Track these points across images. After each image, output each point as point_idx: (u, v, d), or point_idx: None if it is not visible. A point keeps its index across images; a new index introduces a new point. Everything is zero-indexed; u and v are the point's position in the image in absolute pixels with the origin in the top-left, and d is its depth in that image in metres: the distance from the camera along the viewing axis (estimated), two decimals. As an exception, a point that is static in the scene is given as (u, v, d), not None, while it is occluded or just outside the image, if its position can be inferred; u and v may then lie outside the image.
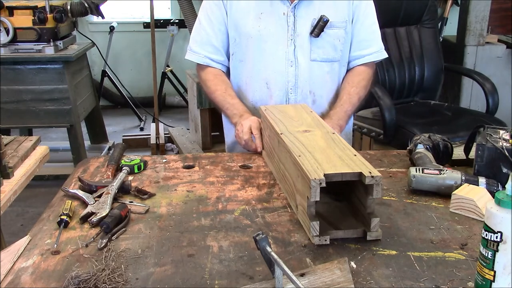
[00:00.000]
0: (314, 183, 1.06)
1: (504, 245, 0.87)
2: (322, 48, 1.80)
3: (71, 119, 3.38)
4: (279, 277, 0.92)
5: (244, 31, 1.80)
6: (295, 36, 1.78)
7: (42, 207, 1.36)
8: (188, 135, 4.27)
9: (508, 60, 4.16)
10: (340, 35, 1.81)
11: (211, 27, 1.83)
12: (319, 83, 1.84)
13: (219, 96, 1.82)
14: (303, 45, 1.79)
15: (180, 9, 4.41)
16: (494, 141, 1.36)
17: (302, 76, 1.81)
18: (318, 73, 1.83)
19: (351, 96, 1.84)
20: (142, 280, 0.99)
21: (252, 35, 1.79)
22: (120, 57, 5.64)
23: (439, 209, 1.30)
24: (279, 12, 1.77)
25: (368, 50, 1.90)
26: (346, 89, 1.86)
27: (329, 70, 1.84)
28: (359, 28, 1.86)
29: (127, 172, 1.46)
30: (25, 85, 3.29)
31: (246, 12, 1.79)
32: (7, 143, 1.81)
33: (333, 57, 1.83)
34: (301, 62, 1.80)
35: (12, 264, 1.05)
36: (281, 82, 1.81)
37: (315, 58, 1.81)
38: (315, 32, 1.76)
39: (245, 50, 1.82)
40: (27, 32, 3.27)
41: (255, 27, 1.78)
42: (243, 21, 1.79)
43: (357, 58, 1.90)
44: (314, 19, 1.77)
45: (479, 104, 3.77)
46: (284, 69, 1.80)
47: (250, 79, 1.84)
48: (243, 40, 1.81)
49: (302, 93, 1.82)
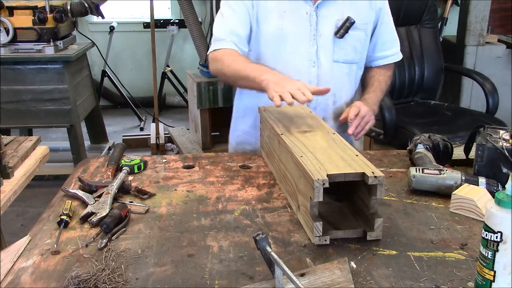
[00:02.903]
0: (317, 183, 1.06)
1: (504, 245, 0.87)
2: (344, 49, 1.78)
3: (71, 119, 3.38)
4: (279, 277, 0.92)
5: (265, 28, 1.76)
6: (317, 36, 1.76)
7: (42, 207, 1.36)
8: (188, 135, 4.27)
9: (508, 60, 4.16)
10: (361, 37, 1.80)
11: (235, 19, 1.77)
12: (339, 84, 1.82)
13: (240, 63, 1.68)
14: (325, 45, 1.76)
15: (180, 9, 4.41)
16: (494, 141, 1.36)
17: (324, 77, 1.78)
18: (338, 74, 1.81)
19: (381, 84, 1.87)
20: (142, 280, 0.99)
21: (274, 34, 1.75)
22: (120, 57, 5.64)
23: (439, 209, 1.30)
24: (301, 11, 1.75)
25: (391, 51, 1.92)
26: (375, 77, 1.89)
27: (348, 72, 1.83)
28: (384, 30, 1.87)
29: (127, 172, 1.46)
30: (25, 85, 3.29)
31: (270, 10, 1.75)
32: (7, 143, 1.81)
33: (353, 58, 1.82)
34: (323, 62, 1.77)
35: (12, 264, 1.05)
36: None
37: (337, 59, 1.79)
38: (340, 33, 1.74)
39: (264, 48, 1.78)
40: (27, 32, 3.27)
41: (278, 25, 1.74)
42: (266, 18, 1.75)
43: (380, 59, 1.91)
44: (337, 20, 1.75)
45: (479, 104, 3.76)
46: (306, 69, 1.77)
47: None
48: (263, 38, 1.77)
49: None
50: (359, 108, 1.71)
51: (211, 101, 3.84)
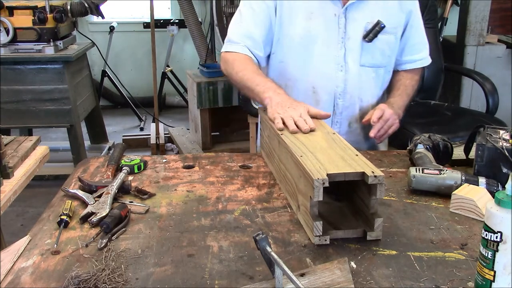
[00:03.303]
0: (317, 183, 1.06)
1: (504, 245, 0.87)
2: (372, 53, 1.74)
3: (71, 119, 3.38)
4: (279, 277, 0.92)
5: (291, 31, 1.71)
6: (345, 39, 1.71)
7: (42, 207, 1.36)
8: (188, 135, 4.27)
9: (508, 60, 4.16)
10: (390, 41, 1.76)
11: (253, 20, 1.72)
12: (366, 89, 1.78)
13: (248, 73, 1.66)
14: (353, 49, 1.72)
15: (180, 9, 4.42)
16: (494, 141, 1.36)
17: (351, 81, 1.74)
18: (365, 79, 1.77)
19: (407, 88, 1.82)
20: (142, 280, 0.99)
21: (301, 36, 1.70)
22: (120, 57, 5.64)
23: (439, 209, 1.30)
24: (330, 13, 1.70)
25: (420, 55, 1.88)
26: (402, 81, 1.83)
27: (375, 76, 1.79)
28: (414, 33, 1.82)
29: (127, 172, 1.46)
30: (25, 85, 3.29)
31: (296, 12, 1.70)
32: (7, 143, 1.81)
33: (381, 63, 1.78)
34: (351, 66, 1.73)
35: (12, 264, 1.04)
36: (329, 87, 1.73)
37: (364, 63, 1.74)
38: (370, 36, 1.69)
39: (288, 51, 1.74)
40: (27, 32, 3.27)
41: (305, 27, 1.70)
42: (292, 20, 1.71)
43: (408, 63, 1.87)
44: (367, 23, 1.70)
45: (479, 104, 3.76)
46: (333, 73, 1.72)
47: (293, 82, 1.76)
48: (288, 40, 1.72)
49: (351, 98, 1.76)
50: (383, 110, 1.66)
51: (211, 101, 3.84)
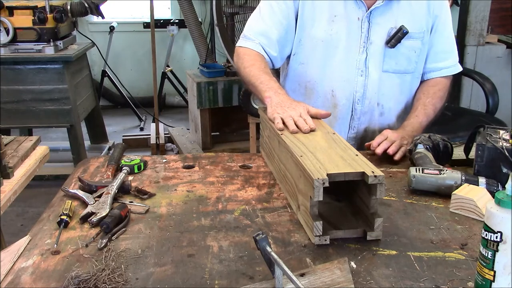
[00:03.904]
0: (317, 183, 1.06)
1: (504, 245, 0.87)
2: (396, 59, 1.71)
3: (71, 119, 3.38)
4: (279, 277, 0.92)
5: (313, 33, 1.69)
6: (368, 44, 1.68)
7: (42, 207, 1.36)
8: (188, 135, 4.27)
9: (508, 60, 4.16)
10: (416, 47, 1.71)
11: (271, 18, 1.70)
12: (388, 95, 1.75)
13: (255, 70, 1.64)
14: (375, 54, 1.69)
15: (180, 9, 4.42)
16: (494, 141, 1.36)
17: (371, 87, 1.71)
18: (388, 85, 1.73)
19: (426, 107, 1.73)
20: (142, 280, 0.99)
21: (323, 39, 1.68)
22: (120, 57, 5.64)
23: (439, 209, 1.30)
24: (353, 16, 1.67)
25: (445, 63, 1.80)
26: (421, 100, 1.76)
27: (400, 82, 1.75)
28: (438, 39, 1.76)
29: (127, 172, 1.46)
30: (25, 85, 3.30)
31: (319, 14, 1.68)
32: (7, 143, 1.81)
33: (406, 69, 1.74)
34: (371, 72, 1.70)
35: (12, 264, 1.04)
36: (348, 91, 1.72)
37: (387, 69, 1.71)
38: (392, 42, 1.67)
39: (310, 53, 1.72)
40: (27, 32, 3.27)
41: (327, 30, 1.68)
42: (315, 22, 1.69)
43: (433, 71, 1.81)
44: (391, 28, 1.67)
45: (479, 104, 3.76)
46: (353, 78, 1.70)
47: (312, 84, 1.74)
48: (310, 42, 1.71)
49: (370, 104, 1.74)
50: (386, 136, 1.60)
51: (211, 101, 3.84)
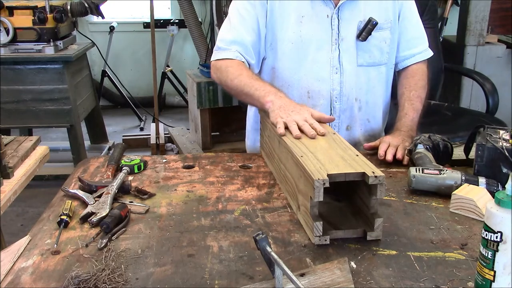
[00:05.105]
0: (318, 183, 1.06)
1: (504, 245, 0.87)
2: (369, 52, 1.70)
3: (71, 119, 3.38)
4: (279, 277, 0.92)
5: (283, 36, 1.67)
6: (339, 41, 1.67)
7: (42, 207, 1.36)
8: (188, 135, 4.27)
9: (508, 60, 4.16)
10: (386, 37, 1.72)
11: (242, 25, 1.68)
12: (365, 89, 1.74)
13: (245, 79, 1.60)
14: (348, 50, 1.68)
15: (180, 9, 4.42)
16: (494, 141, 1.36)
17: (348, 83, 1.70)
18: (364, 79, 1.73)
19: (413, 102, 1.74)
20: (142, 280, 0.99)
21: (293, 41, 1.66)
22: (120, 57, 5.64)
23: (439, 209, 1.30)
24: (322, 14, 1.66)
25: (418, 48, 1.82)
26: (405, 95, 1.76)
27: (376, 75, 1.75)
28: (407, 26, 1.77)
29: (127, 172, 1.46)
30: (25, 85, 3.29)
31: (286, 15, 1.66)
32: (7, 143, 1.81)
33: (380, 60, 1.74)
34: (346, 68, 1.69)
35: (12, 264, 1.05)
36: (325, 91, 1.70)
37: (362, 63, 1.71)
38: (363, 35, 1.66)
39: (281, 56, 1.69)
40: (27, 32, 3.27)
41: (296, 31, 1.65)
42: (283, 25, 1.67)
43: (407, 58, 1.82)
44: (360, 22, 1.67)
45: (479, 104, 3.76)
46: (328, 76, 1.69)
47: (286, 88, 1.70)
48: (280, 45, 1.68)
49: (348, 101, 1.72)
50: (388, 142, 1.59)
51: (211, 101, 3.84)
